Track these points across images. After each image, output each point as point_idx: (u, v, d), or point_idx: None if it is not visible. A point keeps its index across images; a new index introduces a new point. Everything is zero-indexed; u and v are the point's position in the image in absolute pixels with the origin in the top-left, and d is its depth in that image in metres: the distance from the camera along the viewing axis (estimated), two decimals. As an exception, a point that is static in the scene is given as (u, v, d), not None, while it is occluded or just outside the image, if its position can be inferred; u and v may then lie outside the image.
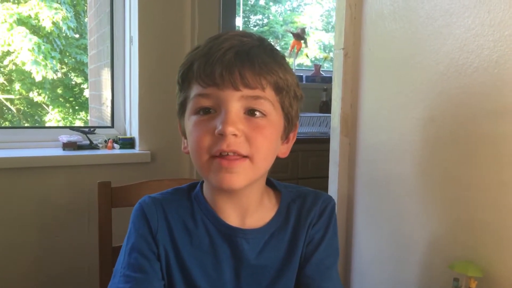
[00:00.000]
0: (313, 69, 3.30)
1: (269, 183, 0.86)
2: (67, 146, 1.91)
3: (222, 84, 0.68)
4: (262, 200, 0.82)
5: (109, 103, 2.24)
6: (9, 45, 4.86)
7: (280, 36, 6.46)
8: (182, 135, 0.80)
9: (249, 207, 0.79)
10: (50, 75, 5.17)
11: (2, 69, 5.28)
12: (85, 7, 4.72)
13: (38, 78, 4.94)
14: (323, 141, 1.81)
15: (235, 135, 0.68)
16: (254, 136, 0.70)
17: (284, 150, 0.80)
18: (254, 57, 0.70)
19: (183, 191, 0.84)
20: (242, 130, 0.69)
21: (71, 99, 5.87)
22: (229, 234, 0.78)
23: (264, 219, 0.81)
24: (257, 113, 0.71)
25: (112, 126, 2.19)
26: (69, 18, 5.19)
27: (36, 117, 5.91)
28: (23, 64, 4.88)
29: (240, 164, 0.70)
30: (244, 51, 0.70)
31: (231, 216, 0.79)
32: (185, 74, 0.74)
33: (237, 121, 0.69)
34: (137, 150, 2.02)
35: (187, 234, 0.79)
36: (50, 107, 5.81)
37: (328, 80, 3.07)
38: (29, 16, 5.01)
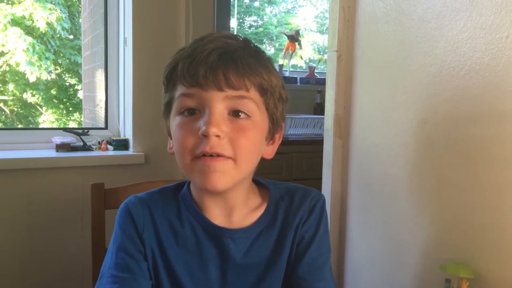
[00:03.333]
0: (308, 71, 3.31)
1: (256, 182, 0.86)
2: (60, 147, 1.90)
3: (206, 85, 0.69)
4: (248, 199, 0.82)
5: (103, 105, 2.24)
6: (3, 45, 4.84)
7: (274, 38, 6.47)
8: (168, 135, 0.80)
9: (235, 206, 0.80)
10: (44, 76, 5.14)
11: (-5, 70, 5.26)
12: (79, 8, 4.71)
13: (32, 79, 4.91)
14: (318, 143, 1.81)
15: (218, 136, 0.68)
16: (237, 138, 0.70)
17: (269, 151, 0.80)
18: (238, 59, 0.70)
19: (169, 190, 0.84)
20: (225, 131, 0.69)
21: (65, 100, 5.85)
22: (215, 234, 0.79)
23: (251, 218, 0.81)
24: (242, 114, 0.71)
25: (106, 128, 2.18)
26: (64, 18, 5.17)
27: (29, 118, 5.88)
28: (17, 64, 4.85)
29: (223, 162, 0.70)
30: (228, 52, 0.70)
31: (217, 215, 0.79)
32: (170, 75, 0.75)
33: (221, 122, 0.69)
34: (131, 151, 2.01)
35: (173, 234, 0.79)
36: (44, 108, 5.78)
37: (322, 82, 3.07)
38: (23, 17, 4.98)
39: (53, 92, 5.75)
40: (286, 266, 0.83)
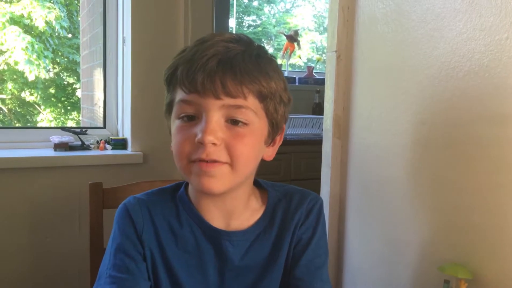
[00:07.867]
0: (306, 71, 3.31)
1: (255, 183, 0.86)
2: (58, 146, 1.90)
3: (203, 92, 0.68)
4: (248, 202, 0.82)
5: (101, 104, 2.23)
6: (1, 44, 4.83)
7: (273, 37, 6.47)
8: (170, 134, 0.80)
9: (234, 210, 0.80)
10: (43, 75, 5.14)
11: (-6, 68, 5.25)
12: (78, 7, 4.69)
13: (31, 78, 4.91)
14: (316, 143, 1.81)
15: (214, 144, 0.68)
16: (234, 144, 0.70)
17: (269, 153, 0.80)
18: (236, 65, 0.69)
19: (168, 191, 0.84)
20: (222, 138, 0.69)
21: (63, 99, 5.84)
22: (213, 236, 0.79)
23: (250, 221, 0.81)
24: (239, 123, 0.71)
25: (104, 127, 2.18)
26: (62, 17, 5.16)
27: (27, 117, 5.87)
28: (16, 63, 4.85)
29: (220, 167, 0.70)
30: (228, 58, 0.69)
31: (216, 217, 0.79)
32: (170, 78, 0.74)
33: (217, 130, 0.69)
34: (129, 151, 2.01)
35: (172, 235, 0.79)
36: (42, 107, 5.77)
37: (321, 82, 3.08)
38: (22, 16, 4.97)
39: (52, 91, 5.74)
40: (283, 268, 0.83)
